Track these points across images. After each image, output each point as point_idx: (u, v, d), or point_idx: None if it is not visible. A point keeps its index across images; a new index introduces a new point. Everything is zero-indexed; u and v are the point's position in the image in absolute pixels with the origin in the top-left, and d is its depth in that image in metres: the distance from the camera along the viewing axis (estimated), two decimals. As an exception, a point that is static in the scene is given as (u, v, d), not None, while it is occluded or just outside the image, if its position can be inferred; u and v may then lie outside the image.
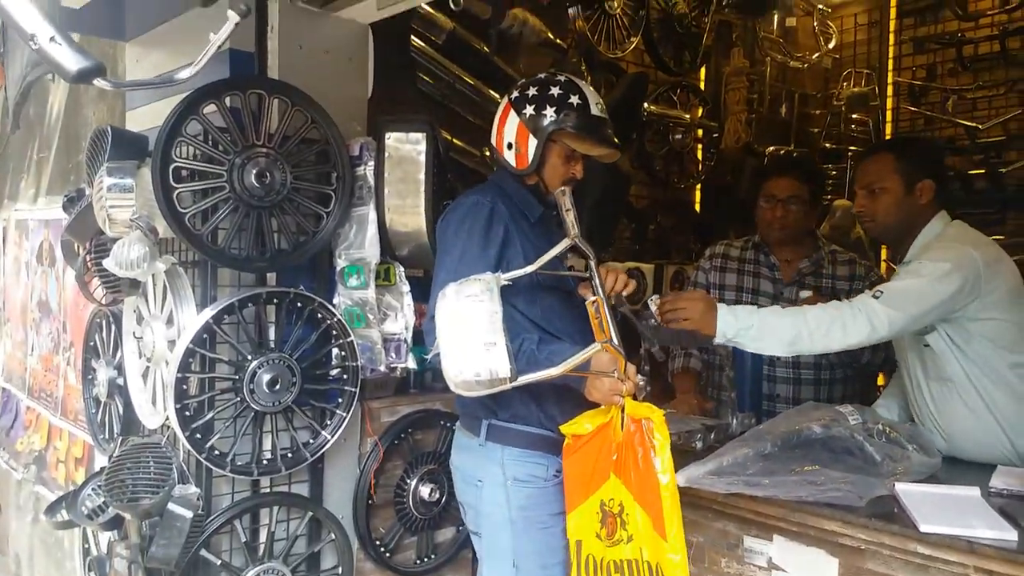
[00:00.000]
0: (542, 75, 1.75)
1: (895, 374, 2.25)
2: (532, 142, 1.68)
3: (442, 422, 2.53)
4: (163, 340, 2.12)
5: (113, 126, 2.14)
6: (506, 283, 1.49)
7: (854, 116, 4.58)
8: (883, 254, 4.63)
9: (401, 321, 2.20)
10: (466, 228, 1.63)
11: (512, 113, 1.72)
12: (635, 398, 1.46)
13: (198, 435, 1.98)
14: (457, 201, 1.73)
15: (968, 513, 1.40)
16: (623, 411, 1.46)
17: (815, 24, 4.64)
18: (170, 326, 2.11)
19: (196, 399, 1.99)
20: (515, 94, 1.73)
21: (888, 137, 4.27)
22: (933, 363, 1.91)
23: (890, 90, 4.63)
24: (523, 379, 1.39)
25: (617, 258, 3.69)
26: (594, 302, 1.50)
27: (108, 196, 1.94)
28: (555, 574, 1.71)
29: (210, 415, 2.01)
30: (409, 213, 2.15)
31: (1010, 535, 1.33)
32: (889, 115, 4.66)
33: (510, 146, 1.71)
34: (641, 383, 1.46)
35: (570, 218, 1.62)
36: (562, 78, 1.74)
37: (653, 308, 1.68)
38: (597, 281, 1.57)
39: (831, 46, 4.71)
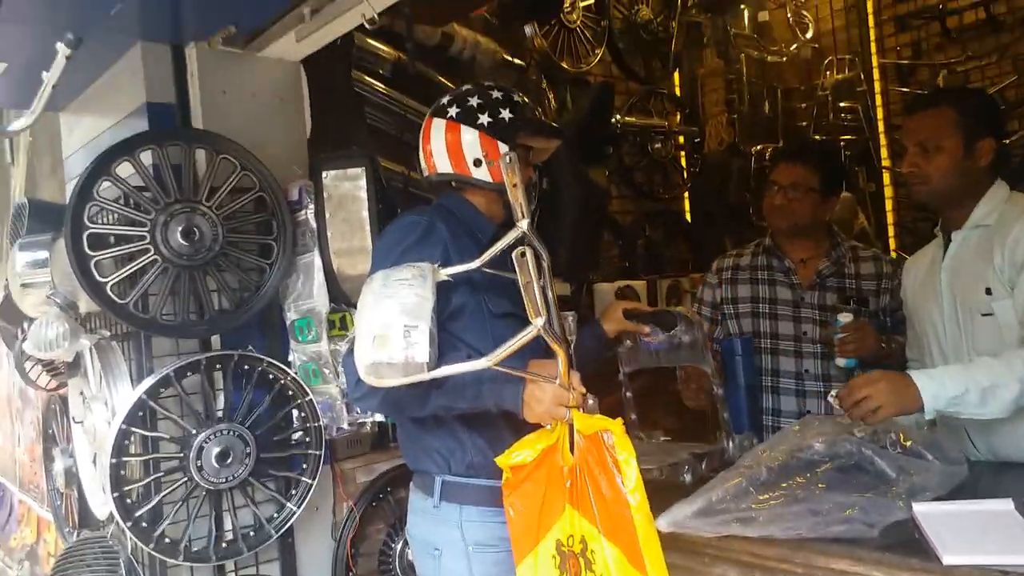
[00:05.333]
0: (463, 88, 1.59)
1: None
2: (503, 149, 1.52)
3: (425, 476, 2.32)
4: (103, 422, 1.95)
5: (32, 198, 2.01)
6: (446, 278, 1.32)
7: (842, 105, 4.39)
8: (891, 244, 4.40)
9: (360, 373, 2.02)
10: (398, 249, 1.44)
11: (465, 128, 1.54)
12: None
13: (144, 523, 1.80)
14: (392, 222, 1.56)
15: (1000, 534, 1.16)
16: (571, 428, 1.24)
17: (789, 16, 4.49)
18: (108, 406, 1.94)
19: (139, 484, 1.81)
20: (454, 110, 1.55)
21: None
22: (989, 336, 1.63)
23: (876, 73, 4.44)
24: (442, 370, 1.24)
25: (607, 278, 3.49)
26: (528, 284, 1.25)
27: (22, 274, 1.79)
28: None
29: (156, 500, 1.83)
30: (357, 254, 1.98)
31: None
32: (879, 99, 4.46)
33: (478, 162, 1.52)
34: (591, 403, 1.26)
35: (517, 196, 1.34)
36: (486, 83, 1.60)
37: (835, 405, 1.46)
38: (530, 266, 1.33)
39: (808, 36, 4.55)
